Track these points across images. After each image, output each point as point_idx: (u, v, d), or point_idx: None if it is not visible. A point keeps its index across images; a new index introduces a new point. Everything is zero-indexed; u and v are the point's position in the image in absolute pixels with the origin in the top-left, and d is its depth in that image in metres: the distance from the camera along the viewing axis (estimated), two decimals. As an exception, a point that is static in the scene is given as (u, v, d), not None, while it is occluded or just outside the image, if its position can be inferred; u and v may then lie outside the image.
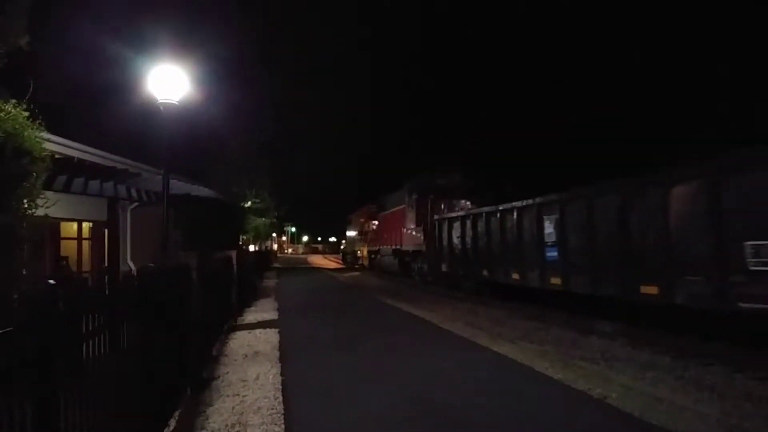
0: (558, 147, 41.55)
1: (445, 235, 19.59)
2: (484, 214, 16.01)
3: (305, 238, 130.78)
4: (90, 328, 2.91)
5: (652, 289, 9.08)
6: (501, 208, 14.83)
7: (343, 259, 54.14)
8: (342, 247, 59.17)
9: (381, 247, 32.73)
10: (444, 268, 19.91)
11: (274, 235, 56.37)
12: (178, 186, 13.17)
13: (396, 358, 7.84)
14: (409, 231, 24.86)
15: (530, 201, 13.23)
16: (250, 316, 12.94)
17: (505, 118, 64.19)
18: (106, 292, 3.38)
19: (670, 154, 20.45)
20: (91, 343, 2.92)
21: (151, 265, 5.02)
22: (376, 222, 34.50)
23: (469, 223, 17.15)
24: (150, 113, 9.31)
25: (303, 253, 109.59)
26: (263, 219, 32.14)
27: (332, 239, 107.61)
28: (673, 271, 8.60)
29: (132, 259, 13.70)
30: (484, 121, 75.20)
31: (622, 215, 9.89)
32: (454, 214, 19.19)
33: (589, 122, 39.69)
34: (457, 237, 18.23)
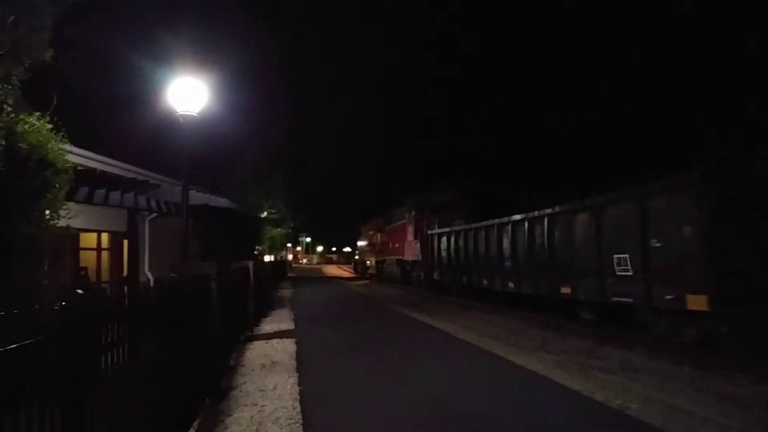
0: (558, 148, 41.22)
1: (435, 247, 22.53)
2: (462, 231, 19.20)
3: (320, 248, 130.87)
4: (113, 338, 2.97)
5: (567, 290, 11.97)
6: (474, 226, 17.95)
7: (355, 269, 56.44)
8: (356, 257, 60.31)
9: (387, 257, 35.85)
10: (436, 276, 22.78)
11: (289, 245, 56.66)
12: (196, 197, 13.34)
13: (411, 368, 7.83)
14: (409, 243, 27.78)
15: (493, 221, 16.19)
16: (267, 326, 13.00)
17: (504, 119, 63.76)
18: (127, 303, 3.43)
19: (672, 155, 20.28)
20: (113, 352, 2.97)
21: (173, 275, 5.08)
22: (383, 234, 37.44)
23: (453, 237, 20.29)
24: (170, 124, 9.43)
25: (317, 263, 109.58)
26: (279, 229, 32.33)
27: (347, 249, 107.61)
28: (577, 276, 11.54)
29: (150, 270, 13.84)
30: (484, 121, 74.77)
31: (549, 234, 12.88)
32: (441, 230, 22.12)
33: (589, 122, 39.31)
34: (444, 249, 21.33)
